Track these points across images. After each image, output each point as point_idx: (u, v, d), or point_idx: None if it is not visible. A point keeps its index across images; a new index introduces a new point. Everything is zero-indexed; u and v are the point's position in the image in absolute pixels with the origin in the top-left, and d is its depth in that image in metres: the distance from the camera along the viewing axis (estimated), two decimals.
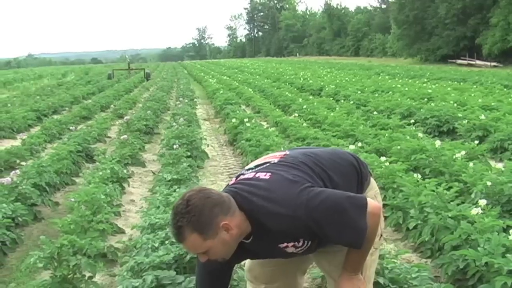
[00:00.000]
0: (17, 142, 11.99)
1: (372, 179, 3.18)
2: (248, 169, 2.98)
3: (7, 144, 12.34)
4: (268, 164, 2.94)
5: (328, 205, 2.66)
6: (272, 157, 3.02)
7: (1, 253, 6.00)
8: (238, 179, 2.92)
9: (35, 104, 19.63)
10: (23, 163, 9.95)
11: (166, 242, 4.54)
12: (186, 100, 19.81)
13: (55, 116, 17.34)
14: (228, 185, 2.94)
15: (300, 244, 2.81)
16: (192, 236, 2.62)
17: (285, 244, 2.81)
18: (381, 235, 3.15)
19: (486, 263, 4.37)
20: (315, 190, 2.70)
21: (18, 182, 7.27)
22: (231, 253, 2.80)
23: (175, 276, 4.06)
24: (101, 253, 5.56)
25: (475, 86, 22.85)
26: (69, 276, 4.74)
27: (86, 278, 4.88)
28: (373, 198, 3.07)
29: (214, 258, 2.77)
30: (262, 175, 2.83)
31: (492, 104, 14.68)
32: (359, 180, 3.06)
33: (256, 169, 2.93)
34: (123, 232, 6.79)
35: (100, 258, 5.55)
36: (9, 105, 19.86)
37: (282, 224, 2.68)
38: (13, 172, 7.63)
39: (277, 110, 16.65)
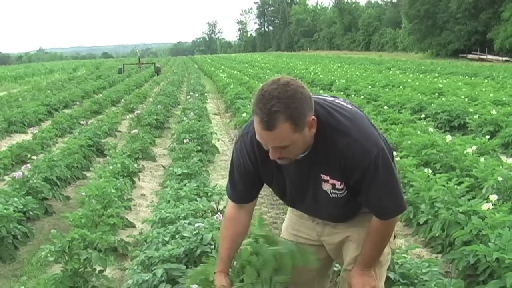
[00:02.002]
0: (28, 137, 12.04)
1: None
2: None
3: (19, 138, 12.41)
4: (344, 99, 2.89)
5: (390, 169, 2.66)
6: None
7: (12, 246, 6.03)
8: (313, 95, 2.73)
9: (46, 98, 19.70)
10: (34, 157, 9.98)
11: (177, 236, 4.54)
12: (197, 95, 19.83)
13: (66, 111, 17.37)
14: None
15: (339, 187, 2.73)
16: (284, 125, 2.41)
17: (328, 177, 2.71)
18: (395, 236, 3.14)
19: (497, 258, 4.34)
20: (385, 148, 2.69)
21: (29, 176, 7.30)
22: (299, 155, 2.64)
23: (185, 269, 4.07)
24: (111, 247, 5.59)
25: (486, 81, 22.79)
26: (80, 270, 4.76)
27: (97, 272, 4.90)
28: None
29: (286, 156, 2.59)
30: (343, 103, 2.77)
31: (504, 99, 14.63)
32: None
33: (334, 97, 2.85)
34: (133, 226, 6.82)
35: (111, 252, 5.58)
36: (20, 99, 19.95)
37: (349, 147, 2.58)
38: (24, 166, 7.66)
39: None
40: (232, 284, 2.83)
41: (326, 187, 2.76)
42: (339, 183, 2.72)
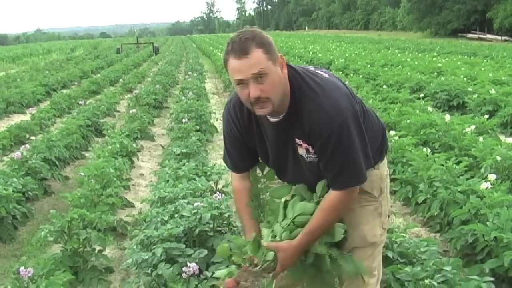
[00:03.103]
0: (26, 117, 12.01)
1: (385, 160, 3.14)
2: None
3: (17, 119, 12.40)
4: (327, 70, 2.92)
5: (353, 141, 2.64)
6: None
7: (12, 227, 6.05)
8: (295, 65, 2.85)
9: (44, 79, 19.63)
10: (32, 137, 9.98)
11: (176, 215, 4.55)
12: (195, 74, 19.77)
13: (64, 91, 17.31)
14: None
15: (312, 151, 2.73)
16: (258, 51, 2.54)
17: (301, 141, 2.73)
18: (389, 216, 3.14)
19: (495, 237, 4.36)
20: (356, 120, 2.68)
21: (28, 156, 7.29)
22: (278, 102, 2.64)
23: (184, 249, 4.08)
24: (111, 227, 5.60)
25: (485, 60, 22.74)
26: (79, 250, 4.77)
27: (96, 251, 4.91)
28: (385, 177, 3.06)
29: (266, 96, 2.60)
30: (321, 72, 2.81)
31: (503, 78, 14.60)
32: (380, 147, 3.02)
33: (317, 68, 2.91)
34: (132, 205, 6.83)
35: (110, 232, 5.59)
36: (18, 80, 19.89)
37: (314, 113, 2.63)
38: (23, 146, 7.65)
39: None
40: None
41: (301, 151, 2.77)
42: (311, 147, 2.74)
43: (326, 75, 2.78)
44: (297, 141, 2.75)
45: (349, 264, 2.88)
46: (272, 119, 2.75)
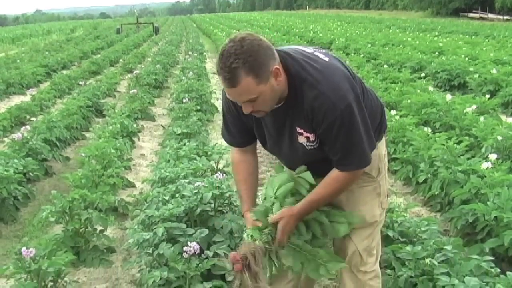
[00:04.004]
0: (27, 98, 12.01)
1: (384, 139, 3.14)
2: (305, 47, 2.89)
3: (17, 100, 12.39)
4: (326, 51, 2.88)
5: (356, 125, 2.63)
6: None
7: (13, 208, 6.06)
8: (293, 47, 2.83)
9: (44, 59, 19.59)
10: (33, 118, 9.98)
11: (177, 195, 4.55)
12: (196, 54, 19.71)
13: (64, 72, 17.28)
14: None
15: (312, 139, 2.74)
16: (247, 79, 2.47)
17: (302, 130, 2.73)
18: (387, 195, 3.15)
19: (495, 217, 4.37)
20: (358, 103, 2.66)
21: (28, 137, 7.29)
22: (273, 106, 2.68)
23: (185, 228, 4.09)
24: (112, 207, 5.62)
25: (487, 40, 22.66)
26: (81, 230, 4.79)
27: (98, 231, 4.93)
28: (383, 157, 3.06)
29: (258, 109, 2.65)
30: (321, 55, 2.76)
31: (504, 58, 14.56)
32: (379, 127, 3.01)
33: (316, 49, 2.86)
34: (133, 186, 6.84)
35: (111, 212, 5.60)
36: (18, 61, 19.82)
37: (316, 100, 2.60)
38: (24, 127, 7.65)
39: None
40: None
41: (302, 140, 2.77)
42: (312, 135, 2.73)
43: (326, 58, 2.75)
44: (298, 129, 2.75)
45: (342, 218, 2.94)
46: (276, 105, 2.73)
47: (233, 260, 2.73)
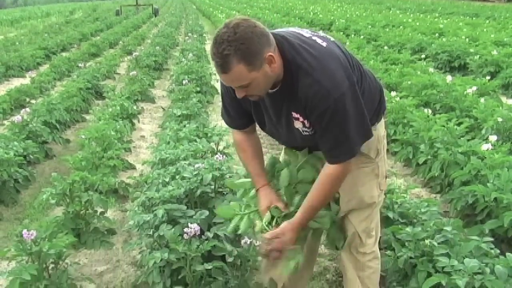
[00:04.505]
0: (26, 81, 11.96)
1: (383, 121, 3.13)
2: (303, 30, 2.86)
3: (17, 82, 12.36)
4: (324, 35, 2.85)
5: (349, 115, 2.60)
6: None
7: (14, 190, 6.07)
8: (291, 30, 2.80)
9: (43, 42, 19.48)
10: (33, 101, 9.97)
11: (177, 177, 4.56)
12: (195, 36, 19.64)
13: (63, 54, 17.24)
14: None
15: (307, 125, 2.73)
16: (238, 66, 2.46)
17: (298, 115, 2.71)
18: (386, 177, 3.15)
19: (495, 198, 4.38)
20: (353, 92, 2.62)
21: (28, 120, 7.27)
22: (267, 90, 2.68)
23: (186, 210, 4.10)
24: (112, 189, 5.62)
25: (487, 21, 22.57)
26: (81, 212, 4.80)
27: (98, 213, 4.94)
28: (382, 138, 3.06)
29: (252, 94, 2.65)
30: (319, 40, 2.73)
31: (505, 39, 14.53)
32: (378, 109, 2.99)
33: (314, 33, 2.83)
34: (134, 168, 6.85)
35: (112, 194, 5.62)
36: (17, 43, 19.74)
37: (310, 87, 2.58)
38: (23, 110, 7.63)
39: None
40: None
41: (298, 125, 2.76)
42: (307, 121, 2.72)
43: (324, 44, 2.71)
44: (294, 114, 2.73)
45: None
46: (271, 90, 2.72)
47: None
